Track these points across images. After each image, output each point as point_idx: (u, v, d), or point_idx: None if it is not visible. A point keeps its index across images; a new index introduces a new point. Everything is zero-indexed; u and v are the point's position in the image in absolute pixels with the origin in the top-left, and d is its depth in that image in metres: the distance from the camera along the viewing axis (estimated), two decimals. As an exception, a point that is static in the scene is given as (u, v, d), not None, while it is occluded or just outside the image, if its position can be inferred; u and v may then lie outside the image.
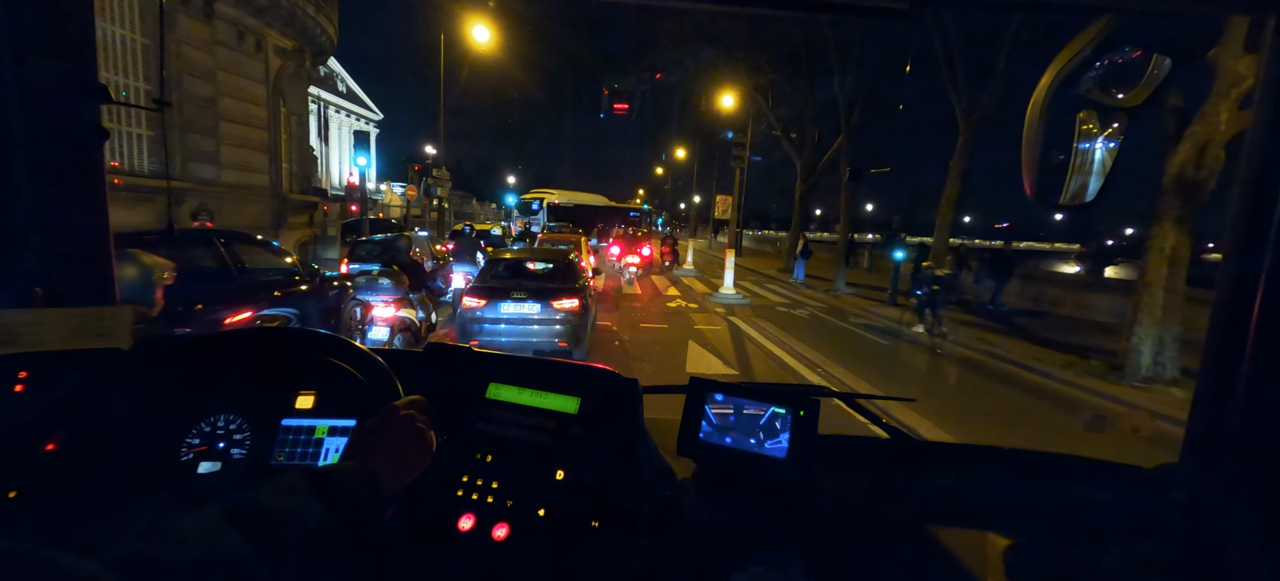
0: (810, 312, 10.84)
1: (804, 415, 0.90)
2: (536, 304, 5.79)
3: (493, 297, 5.79)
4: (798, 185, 19.25)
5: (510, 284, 6.09)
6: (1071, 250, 67.40)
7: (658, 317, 9.42)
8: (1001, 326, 9.92)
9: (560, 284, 6.17)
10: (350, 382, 0.88)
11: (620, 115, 14.72)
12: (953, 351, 7.86)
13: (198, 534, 0.44)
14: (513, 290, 5.88)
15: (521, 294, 5.83)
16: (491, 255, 7.35)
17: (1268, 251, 0.66)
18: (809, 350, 7.55)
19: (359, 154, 11.42)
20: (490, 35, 16.04)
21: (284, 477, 0.54)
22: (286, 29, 12.02)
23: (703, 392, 0.95)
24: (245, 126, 11.15)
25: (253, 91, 11.34)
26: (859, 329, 9.57)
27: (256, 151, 11.44)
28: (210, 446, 0.86)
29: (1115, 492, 0.93)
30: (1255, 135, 0.69)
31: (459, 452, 0.87)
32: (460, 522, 0.79)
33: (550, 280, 6.30)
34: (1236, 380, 0.70)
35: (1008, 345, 8.27)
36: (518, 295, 5.82)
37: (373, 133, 61.53)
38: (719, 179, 31.71)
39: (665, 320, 9.22)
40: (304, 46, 12.71)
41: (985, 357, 7.71)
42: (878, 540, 0.87)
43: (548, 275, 6.45)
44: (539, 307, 5.78)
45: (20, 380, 0.79)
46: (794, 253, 18.03)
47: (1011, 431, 5.02)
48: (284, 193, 12.64)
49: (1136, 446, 1.11)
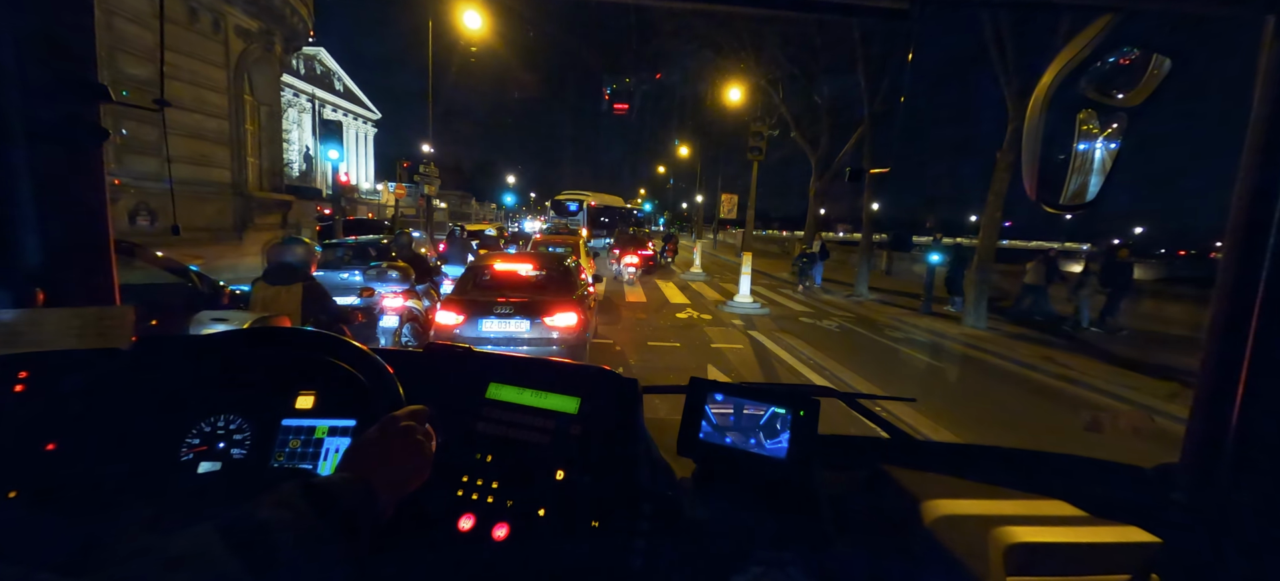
0: (839, 324, 9.54)
1: (804, 415, 0.90)
2: (525, 320, 4.78)
3: (472, 313, 4.76)
4: (811, 182, 17.92)
5: (494, 295, 5.03)
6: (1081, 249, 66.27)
7: (668, 332, 8.15)
8: (1101, 348, 8.15)
9: (554, 295, 5.12)
10: (350, 383, 0.88)
11: (620, 115, 14.47)
12: (1053, 384, 6.51)
13: (192, 553, 0.43)
14: (497, 303, 4.83)
15: (507, 308, 4.79)
16: (474, 260, 6.31)
17: (1268, 251, 0.66)
18: (854, 375, 6.27)
19: (329, 146, 10.02)
20: (482, 21, 15.33)
21: (281, 491, 0.53)
22: (250, 8, 10.78)
23: (703, 393, 0.95)
24: (200, 115, 9.90)
25: (209, 76, 10.09)
26: (899, 344, 8.28)
27: (215, 144, 10.18)
28: (210, 446, 0.85)
29: (1115, 492, 0.93)
30: (1255, 135, 0.69)
31: (459, 453, 0.86)
32: (460, 522, 0.79)
33: (543, 291, 5.27)
34: (1236, 380, 0.70)
35: (1107, 374, 6.72)
36: (503, 309, 4.78)
37: (371, 131, 60.73)
38: (724, 176, 30.37)
39: (677, 336, 7.96)
40: (272, 29, 11.45)
41: (1107, 391, 6.11)
42: (878, 540, 0.87)
43: (540, 285, 5.42)
44: (528, 325, 4.80)
45: (20, 380, 0.78)
46: (808, 255, 16.84)
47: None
48: (250, 190, 11.39)
49: (1136, 446, 1.10)
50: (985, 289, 9.33)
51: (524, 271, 5.57)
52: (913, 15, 0.72)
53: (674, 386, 1.07)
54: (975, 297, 9.32)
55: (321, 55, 51.78)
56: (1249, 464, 0.70)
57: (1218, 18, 0.79)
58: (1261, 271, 0.67)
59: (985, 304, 9.33)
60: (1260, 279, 0.67)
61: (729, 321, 9.25)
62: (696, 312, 9.90)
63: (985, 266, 9.39)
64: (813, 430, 0.90)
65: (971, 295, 9.37)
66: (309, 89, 49.17)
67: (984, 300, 9.32)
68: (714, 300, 11.51)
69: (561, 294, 5.15)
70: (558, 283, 5.42)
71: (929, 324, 9.69)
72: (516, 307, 4.79)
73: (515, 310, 4.77)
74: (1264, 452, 0.69)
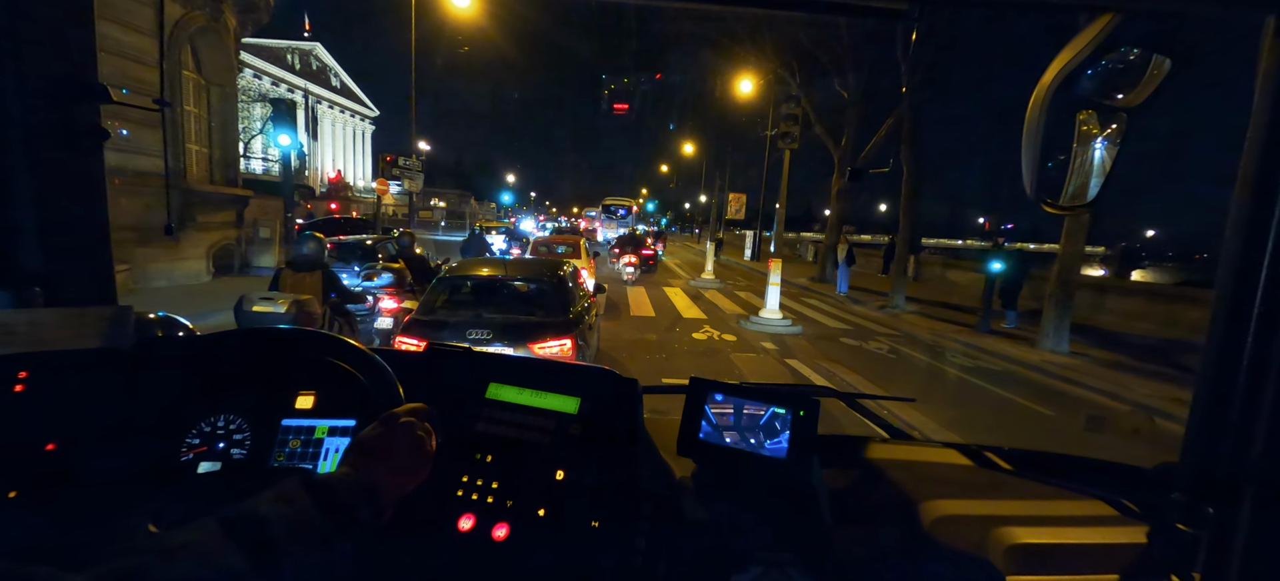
0: (889, 348, 7.90)
1: (804, 415, 0.90)
2: (505, 348, 3.51)
3: (439, 337, 3.54)
4: (834, 178, 16.29)
5: (469, 314, 3.97)
6: (1096, 252, 64.45)
7: (687, 360, 6.52)
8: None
9: (545, 315, 4.01)
10: (350, 383, 0.88)
11: (620, 115, 14.31)
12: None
13: (193, 546, 0.43)
14: (470, 326, 3.72)
15: (483, 333, 3.66)
16: (446, 269, 4.82)
17: (1267, 250, 0.66)
18: (960, 429, 4.60)
19: (279, 132, 8.28)
20: (473, 4, 14.65)
21: (281, 486, 0.53)
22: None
23: (703, 392, 0.94)
24: (117, 89, 8.23)
25: (135, 45, 8.43)
26: (975, 376, 6.61)
27: (139, 126, 8.52)
28: (210, 446, 0.85)
29: (1115, 492, 0.92)
30: (1255, 135, 0.68)
31: (459, 453, 0.86)
32: (460, 522, 0.78)
33: (530, 309, 4.12)
34: (1236, 380, 0.69)
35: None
36: (476, 335, 3.62)
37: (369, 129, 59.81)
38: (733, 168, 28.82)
39: (698, 364, 6.34)
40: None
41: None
42: (877, 539, 0.87)
43: (527, 300, 4.24)
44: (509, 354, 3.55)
45: (20, 380, 0.77)
46: (833, 258, 15.18)
47: None
48: (190, 183, 9.75)
49: (1136, 446, 1.05)
50: (1068, 306, 7.69)
51: (508, 285, 4.38)
52: (913, 15, 0.73)
53: (674, 386, 1.07)
54: (1056, 317, 7.70)
55: (318, 50, 50.54)
56: (1249, 464, 0.69)
57: (1217, 18, 0.78)
58: (1261, 271, 0.66)
59: (1068, 324, 7.69)
60: (1260, 279, 0.67)
61: (757, 344, 7.61)
62: (716, 331, 8.25)
63: (1069, 278, 7.75)
64: (813, 430, 0.89)
65: (1052, 314, 7.74)
66: (302, 83, 47.93)
67: (1066, 320, 7.68)
68: (733, 314, 9.85)
69: (553, 313, 4.03)
70: (550, 298, 4.20)
71: (996, 346, 8.04)
72: (496, 331, 3.69)
73: (493, 334, 3.66)
74: (1264, 453, 0.68)
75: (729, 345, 7.47)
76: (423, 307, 4.14)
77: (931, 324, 9.80)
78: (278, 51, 43.25)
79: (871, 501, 0.94)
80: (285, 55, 44.47)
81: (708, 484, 0.90)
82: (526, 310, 4.09)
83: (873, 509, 0.92)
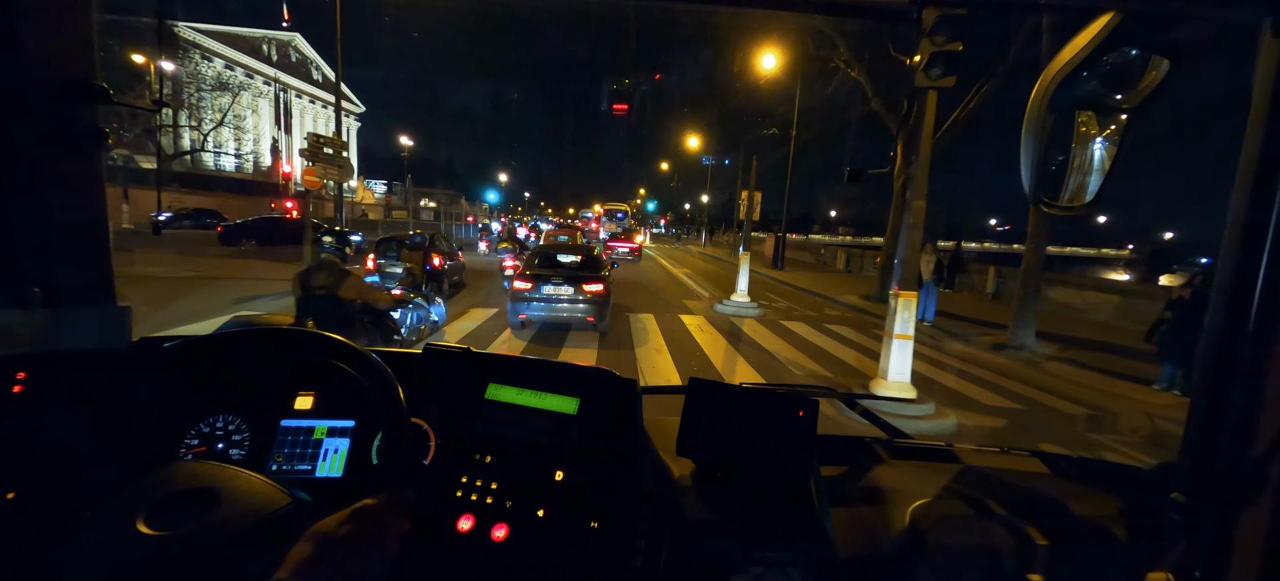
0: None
1: (804, 415, 0.90)
2: (569, 287, 7.23)
3: (537, 282, 7.29)
4: (897, 166, 12.45)
5: (550, 271, 7.71)
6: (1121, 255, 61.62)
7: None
8: None
9: (589, 272, 7.70)
10: (349, 384, 0.87)
11: (620, 116, 14.23)
12: None
13: None
14: (552, 276, 7.41)
15: (559, 278, 7.34)
16: (537, 245, 10.33)
17: (1265, 251, 0.66)
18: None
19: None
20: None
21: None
22: None
23: (702, 393, 0.94)
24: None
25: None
26: None
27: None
28: (209, 447, 0.85)
29: (1115, 492, 0.92)
30: (1253, 135, 0.68)
31: (458, 453, 0.86)
32: (460, 523, 0.78)
33: (581, 269, 7.83)
34: (1235, 380, 0.69)
35: None
36: (556, 279, 7.31)
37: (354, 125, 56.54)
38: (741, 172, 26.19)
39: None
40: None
41: None
42: (877, 539, 0.87)
43: (579, 265, 7.99)
44: (572, 290, 7.24)
45: (20, 380, 0.77)
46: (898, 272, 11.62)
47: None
48: None
49: (1136, 446, 1.01)
50: None
51: (569, 257, 8.26)
52: (914, 15, 0.73)
53: (674, 387, 1.08)
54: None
55: (298, 42, 47.08)
56: (1248, 464, 0.69)
57: (1217, 18, 0.77)
58: (1260, 271, 0.66)
59: None
60: (1259, 279, 0.66)
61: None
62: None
63: None
64: (812, 430, 0.89)
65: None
66: (276, 76, 44.35)
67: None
68: (812, 371, 6.52)
69: (594, 270, 7.81)
70: (591, 263, 8.11)
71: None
72: (566, 278, 7.36)
73: (565, 279, 7.31)
74: (1263, 452, 0.68)
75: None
76: (527, 263, 8.13)
77: (1091, 378, 6.66)
78: (253, 42, 40.04)
79: (871, 501, 0.94)
80: (261, 45, 41.17)
81: (708, 484, 0.91)
82: (579, 269, 7.86)
83: (872, 508, 0.92)
